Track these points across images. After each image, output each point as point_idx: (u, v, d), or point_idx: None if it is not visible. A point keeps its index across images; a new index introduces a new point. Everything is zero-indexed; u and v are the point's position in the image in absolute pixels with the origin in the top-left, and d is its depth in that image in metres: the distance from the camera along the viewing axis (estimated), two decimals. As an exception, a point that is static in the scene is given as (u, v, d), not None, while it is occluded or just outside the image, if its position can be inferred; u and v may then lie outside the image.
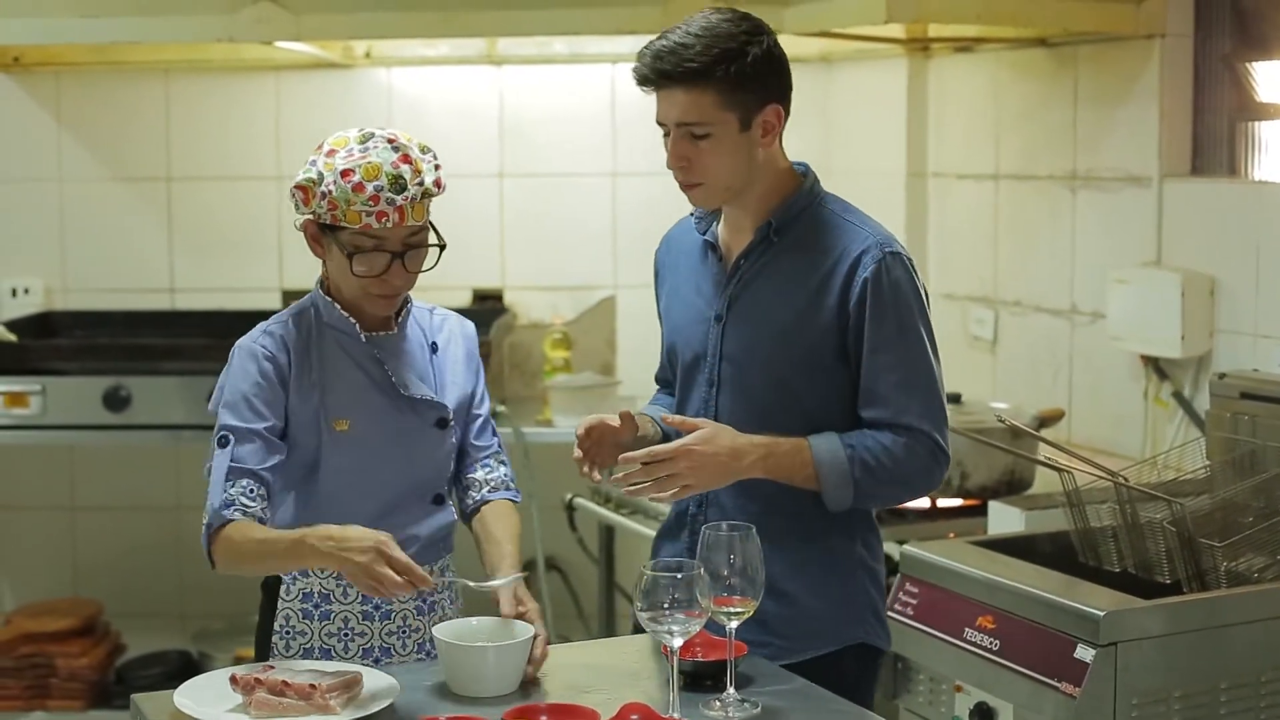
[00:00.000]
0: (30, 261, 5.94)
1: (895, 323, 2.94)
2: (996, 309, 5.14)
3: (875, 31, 4.97)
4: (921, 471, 2.96)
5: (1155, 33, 4.39)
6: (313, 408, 2.98)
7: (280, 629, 3.08)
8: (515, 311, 5.89)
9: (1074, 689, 2.96)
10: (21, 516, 5.99)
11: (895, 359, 2.93)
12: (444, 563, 3.12)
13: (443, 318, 3.18)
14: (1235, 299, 4.14)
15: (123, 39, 5.10)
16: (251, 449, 2.93)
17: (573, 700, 2.65)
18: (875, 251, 2.94)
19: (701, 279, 3.10)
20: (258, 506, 2.91)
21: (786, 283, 2.98)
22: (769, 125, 2.95)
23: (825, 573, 3.01)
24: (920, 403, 2.94)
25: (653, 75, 2.90)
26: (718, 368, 3.03)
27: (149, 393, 5.19)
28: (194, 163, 5.92)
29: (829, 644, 3.01)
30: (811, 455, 2.92)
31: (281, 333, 3.02)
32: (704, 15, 2.91)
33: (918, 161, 5.44)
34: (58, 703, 5.53)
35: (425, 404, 3.03)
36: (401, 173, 2.86)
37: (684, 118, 2.90)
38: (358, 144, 2.89)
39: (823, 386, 2.98)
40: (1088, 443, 4.53)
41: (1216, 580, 3.21)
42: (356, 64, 5.86)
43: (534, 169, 5.91)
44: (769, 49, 2.92)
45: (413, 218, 2.89)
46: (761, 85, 2.91)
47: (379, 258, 2.92)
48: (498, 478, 3.15)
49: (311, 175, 2.89)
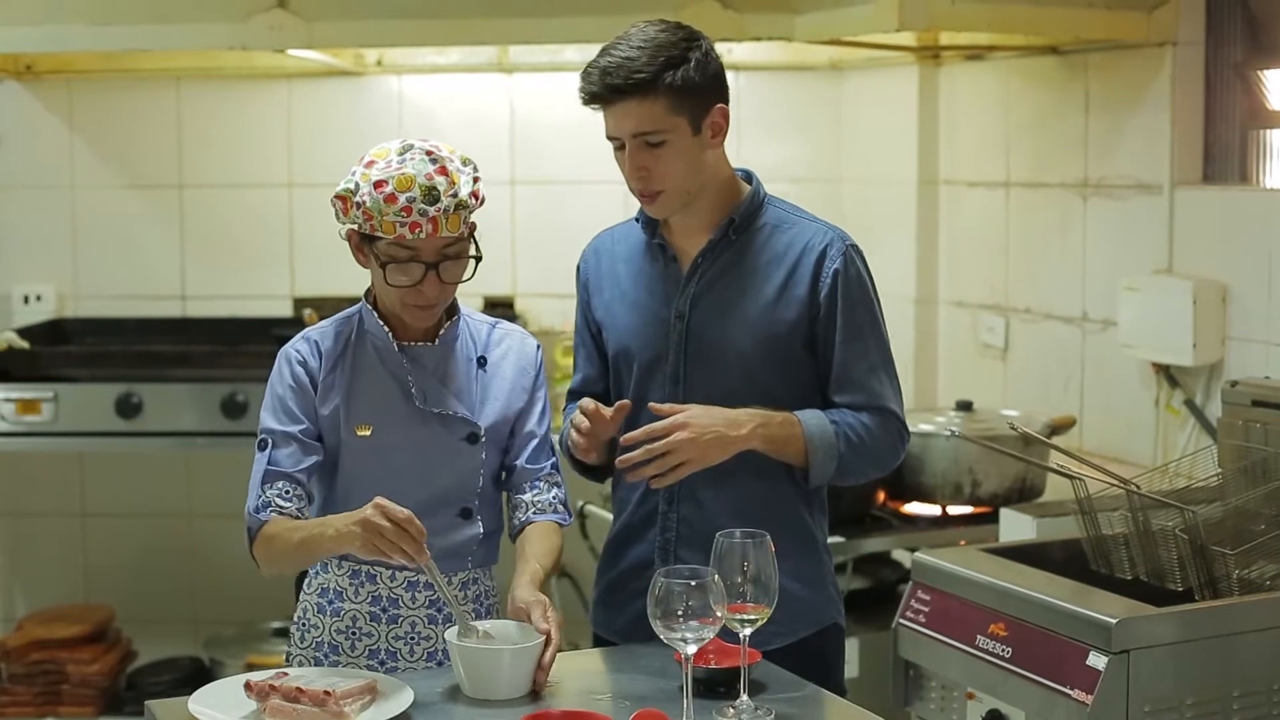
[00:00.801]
0: (42, 268, 5.95)
1: (863, 312, 3.10)
2: (1007, 316, 5.13)
3: (886, 40, 4.97)
4: (890, 450, 3.15)
5: (1167, 40, 4.39)
6: (335, 411, 3.02)
7: (299, 620, 3.13)
8: (526, 319, 5.88)
9: (1086, 696, 2.95)
10: (33, 523, 5.99)
11: (867, 346, 3.10)
12: (472, 575, 3.10)
13: (504, 334, 3.19)
14: (1247, 307, 4.14)
15: (135, 47, 5.11)
16: (288, 452, 3.00)
17: (586, 708, 2.65)
18: (839, 245, 3.10)
19: (652, 280, 3.19)
20: (293, 507, 2.97)
21: (751, 278, 3.10)
22: (717, 126, 3.07)
23: (800, 557, 3.12)
24: (888, 386, 3.13)
25: (604, 91, 3.02)
26: (683, 365, 3.11)
27: (160, 400, 5.20)
28: (206, 170, 5.92)
29: (810, 626, 3.15)
30: (802, 429, 3.04)
31: (317, 338, 3.08)
32: (640, 29, 3.04)
33: (929, 169, 5.44)
34: (69, 709, 5.53)
35: (453, 418, 3.04)
36: (436, 184, 2.88)
37: (640, 128, 3.01)
38: (396, 155, 2.93)
39: (790, 375, 3.11)
40: (1099, 450, 4.53)
41: (1229, 588, 3.21)
42: (368, 72, 5.87)
43: (545, 176, 5.91)
44: (707, 52, 3.04)
45: (447, 229, 2.91)
46: (706, 88, 3.03)
47: (414, 268, 2.94)
48: (545, 500, 3.15)
49: (349, 186, 2.93)
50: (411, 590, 3.05)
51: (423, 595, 3.05)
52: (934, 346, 5.50)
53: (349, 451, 3.03)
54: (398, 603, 3.04)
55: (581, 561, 5.51)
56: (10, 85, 5.88)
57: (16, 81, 5.87)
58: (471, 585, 3.11)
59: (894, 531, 4.50)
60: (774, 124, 5.76)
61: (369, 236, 2.95)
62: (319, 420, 3.03)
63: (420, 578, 3.04)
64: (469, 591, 3.10)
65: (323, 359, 3.05)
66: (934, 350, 5.50)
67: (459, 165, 2.95)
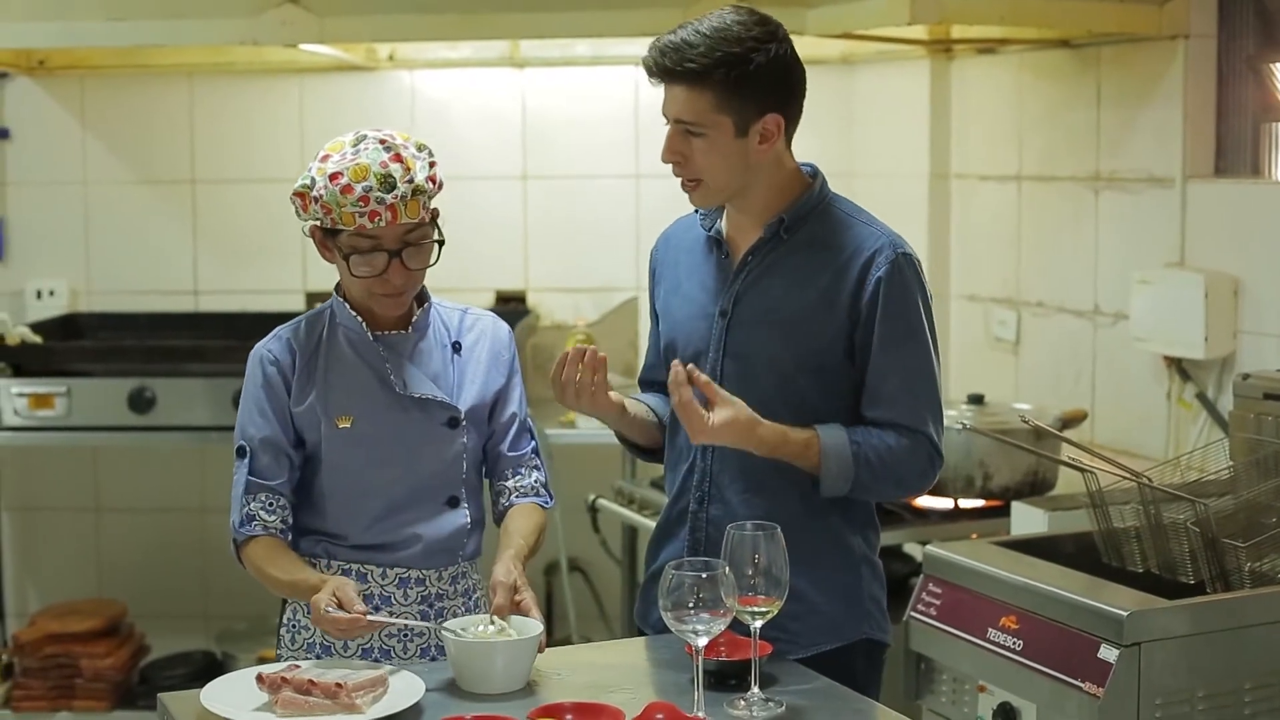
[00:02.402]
0: (55, 264, 5.97)
1: (904, 324, 2.95)
2: (1019, 310, 5.13)
3: (898, 33, 4.98)
4: (918, 474, 3.01)
5: (1179, 34, 4.38)
6: (314, 405, 3.02)
7: (288, 623, 3.13)
8: (538, 313, 5.90)
9: (1097, 689, 2.95)
10: (46, 517, 6.01)
11: (901, 360, 2.96)
12: (461, 569, 3.11)
13: (475, 318, 3.19)
14: (1259, 300, 4.13)
15: (147, 42, 5.11)
16: (267, 461, 3.03)
17: (597, 700, 2.65)
18: (889, 251, 2.95)
19: (706, 275, 3.10)
20: (277, 519, 3.01)
21: (796, 279, 2.98)
22: (767, 133, 2.94)
23: (832, 568, 3.03)
24: (923, 406, 2.98)
25: (655, 69, 2.93)
26: (720, 364, 3.03)
27: (173, 394, 5.22)
28: (218, 165, 5.94)
29: (836, 639, 3.04)
30: (819, 449, 2.94)
31: (289, 334, 3.08)
32: (720, 14, 2.91)
33: (940, 163, 5.44)
34: (82, 703, 5.55)
35: (433, 403, 3.04)
36: (391, 171, 2.88)
37: (680, 115, 2.93)
38: (350, 147, 2.93)
39: (827, 383, 2.99)
40: (1110, 444, 4.53)
41: (1240, 581, 3.21)
42: (380, 66, 5.88)
43: (557, 171, 5.92)
44: (776, 56, 2.90)
45: (406, 215, 2.90)
46: (762, 93, 2.91)
47: (378, 257, 2.94)
48: (527, 484, 3.15)
49: (306, 181, 2.93)
50: (403, 587, 3.05)
51: (414, 592, 3.05)
52: (946, 340, 5.50)
53: (331, 444, 3.03)
54: (389, 600, 3.04)
55: (593, 554, 5.53)
56: (23, 81, 5.89)
57: (29, 77, 5.88)
58: (461, 579, 3.11)
59: (906, 525, 4.50)
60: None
61: (331, 230, 2.95)
62: (295, 418, 3.04)
63: (410, 574, 3.04)
64: (459, 586, 3.10)
65: (296, 355, 3.05)
66: (946, 344, 5.50)
67: (414, 151, 2.94)
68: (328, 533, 3.06)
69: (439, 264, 3.02)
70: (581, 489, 5.12)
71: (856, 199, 3.12)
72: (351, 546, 3.05)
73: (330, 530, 3.06)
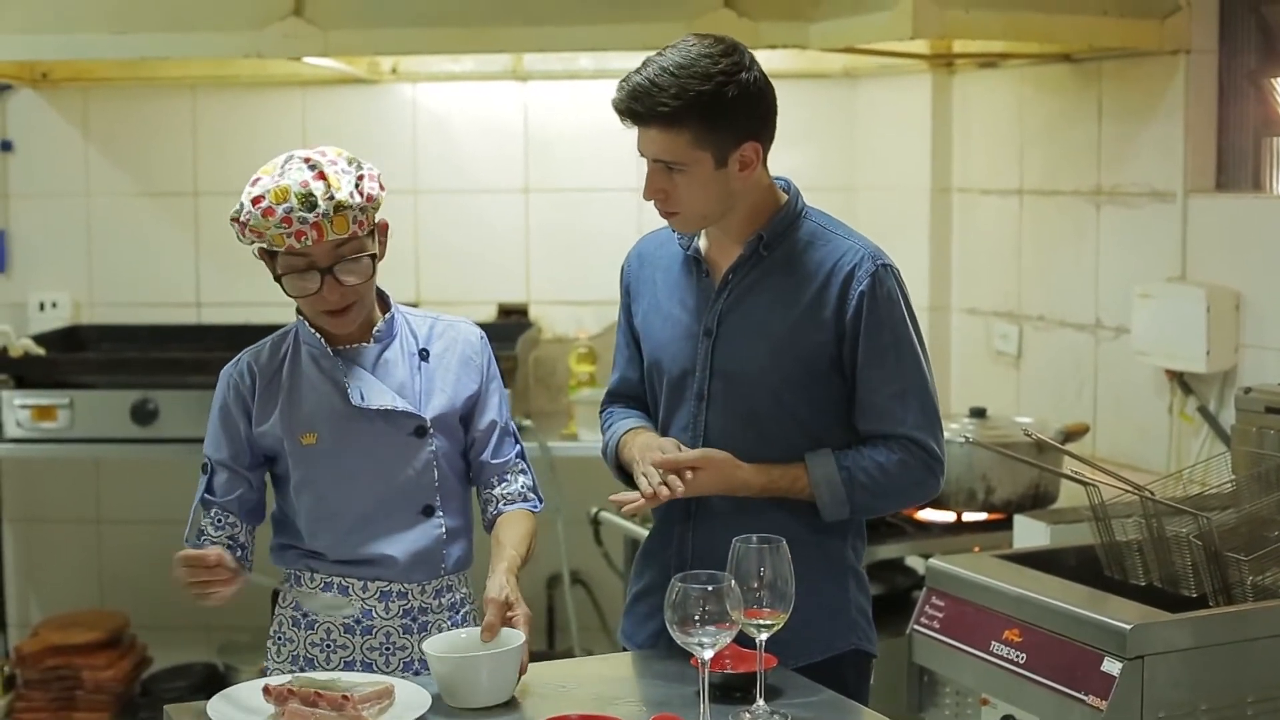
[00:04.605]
0: (58, 276, 5.97)
1: (890, 335, 2.96)
2: (1021, 324, 5.14)
3: (900, 47, 4.98)
4: (917, 484, 3.01)
5: (1180, 48, 4.40)
6: (276, 424, 3.04)
7: (274, 634, 3.15)
8: (540, 326, 5.90)
9: (1100, 702, 2.96)
10: (48, 529, 6.02)
11: (891, 371, 2.97)
12: (445, 582, 3.10)
13: (446, 325, 3.18)
14: (1260, 314, 4.14)
15: (150, 55, 5.11)
16: (222, 479, 3.10)
17: (603, 712, 2.65)
18: (868, 264, 2.96)
19: (686, 294, 3.09)
20: (223, 535, 3.07)
21: (779, 296, 2.99)
22: (746, 160, 2.93)
23: (819, 579, 3.02)
24: (916, 413, 2.98)
25: (627, 114, 2.91)
26: (708, 383, 3.03)
27: (176, 406, 5.22)
28: (221, 178, 5.94)
29: (826, 650, 3.04)
30: (808, 480, 2.97)
31: (250, 357, 3.11)
32: (684, 46, 2.87)
33: (942, 177, 5.45)
34: (84, 715, 5.55)
35: (396, 414, 3.03)
36: (312, 190, 2.87)
37: (659, 155, 2.92)
38: (278, 169, 2.93)
39: (817, 399, 3.00)
40: (1112, 457, 4.54)
41: (1243, 594, 3.21)
42: (383, 79, 5.89)
43: (559, 184, 5.93)
44: (746, 85, 2.88)
45: (334, 232, 2.89)
46: (739, 125, 2.90)
47: (311, 276, 2.94)
48: (514, 490, 3.15)
49: (236, 208, 2.93)
50: (384, 600, 3.05)
51: (396, 605, 3.05)
52: (947, 353, 5.51)
53: (299, 462, 3.04)
54: (371, 613, 3.05)
55: (595, 567, 5.53)
56: (26, 93, 5.90)
57: (32, 89, 5.89)
58: (446, 593, 3.10)
59: (908, 538, 4.51)
60: (787, 131, 5.63)
61: (270, 252, 2.96)
62: (257, 439, 3.06)
63: (392, 587, 3.04)
64: (443, 600, 3.09)
65: (256, 377, 3.07)
66: (947, 357, 5.51)
67: (342, 168, 2.92)
68: (306, 549, 3.08)
69: (442, 277, 3.03)
70: (584, 502, 5.12)
71: (858, 212, 3.13)
72: (332, 561, 3.06)
73: (307, 547, 3.07)
